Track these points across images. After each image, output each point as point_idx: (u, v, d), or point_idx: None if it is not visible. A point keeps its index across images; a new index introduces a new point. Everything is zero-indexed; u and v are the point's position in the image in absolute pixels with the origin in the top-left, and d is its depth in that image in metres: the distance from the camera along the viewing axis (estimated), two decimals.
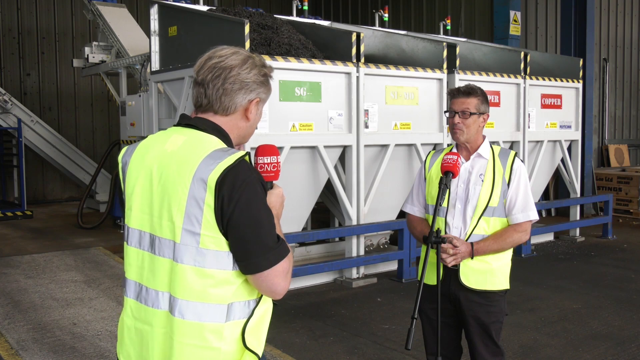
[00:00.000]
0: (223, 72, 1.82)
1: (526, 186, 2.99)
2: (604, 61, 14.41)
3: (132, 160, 1.87)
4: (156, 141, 1.87)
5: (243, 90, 1.84)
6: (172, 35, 6.90)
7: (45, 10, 13.53)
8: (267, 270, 1.71)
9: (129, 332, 1.87)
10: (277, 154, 1.95)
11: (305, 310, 5.79)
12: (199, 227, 1.70)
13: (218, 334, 1.73)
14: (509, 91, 8.27)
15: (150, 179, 1.81)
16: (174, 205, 1.73)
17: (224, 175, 1.67)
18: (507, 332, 4.76)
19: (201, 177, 1.69)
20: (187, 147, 1.77)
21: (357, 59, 6.60)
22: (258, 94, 1.87)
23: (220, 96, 1.83)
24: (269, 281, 1.72)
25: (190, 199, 1.70)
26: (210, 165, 1.69)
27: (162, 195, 1.77)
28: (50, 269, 7.14)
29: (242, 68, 1.83)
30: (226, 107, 1.84)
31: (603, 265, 7.65)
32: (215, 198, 1.67)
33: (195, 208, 1.70)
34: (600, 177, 12.08)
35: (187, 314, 1.73)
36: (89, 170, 12.05)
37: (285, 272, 1.75)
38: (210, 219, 1.69)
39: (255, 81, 1.85)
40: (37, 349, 4.64)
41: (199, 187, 1.69)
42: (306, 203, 6.57)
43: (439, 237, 2.82)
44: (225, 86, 1.82)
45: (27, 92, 13.33)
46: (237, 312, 1.76)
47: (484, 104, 3.04)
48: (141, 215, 1.83)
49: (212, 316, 1.73)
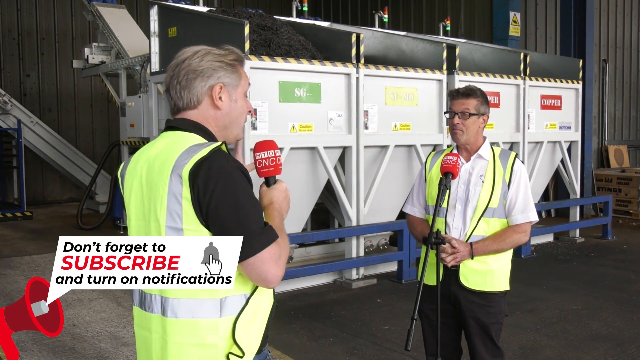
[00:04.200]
0: (177, 69, 1.83)
1: (526, 187, 2.99)
2: (603, 62, 14.42)
3: (127, 173, 1.90)
4: (145, 150, 1.89)
5: (198, 78, 1.82)
6: (172, 36, 6.90)
7: (45, 11, 13.54)
8: (252, 257, 1.67)
9: (138, 340, 1.88)
10: (274, 148, 1.92)
11: (305, 311, 5.79)
12: (180, 222, 1.70)
13: (213, 330, 1.71)
14: (508, 92, 8.27)
15: (140, 186, 1.82)
16: (158, 204, 1.73)
17: (197, 167, 1.66)
18: (507, 332, 4.76)
19: (177, 172, 1.69)
20: (168, 148, 1.78)
21: (357, 59, 6.60)
22: (218, 79, 1.84)
23: (180, 91, 1.84)
24: (257, 268, 1.68)
25: (170, 195, 1.70)
26: (185, 160, 1.69)
27: (149, 198, 1.78)
28: (50, 269, 7.08)
29: (193, 58, 1.82)
30: (190, 100, 1.84)
31: (603, 266, 7.65)
32: (190, 190, 1.67)
33: (175, 204, 1.70)
34: (600, 178, 12.08)
35: (179, 312, 1.72)
36: (89, 171, 12.06)
37: (275, 258, 1.70)
38: (189, 212, 1.68)
39: (210, 67, 1.82)
40: (37, 350, 4.64)
41: (176, 182, 1.69)
42: (306, 204, 6.57)
43: (438, 238, 2.82)
44: (180, 81, 1.83)
45: (26, 93, 13.33)
46: (231, 307, 1.73)
47: (483, 105, 3.04)
48: (137, 223, 1.84)
49: (206, 312, 1.71)
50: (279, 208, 1.86)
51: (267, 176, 1.92)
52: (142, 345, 1.86)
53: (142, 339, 1.85)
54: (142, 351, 1.87)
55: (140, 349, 1.88)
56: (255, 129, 5.85)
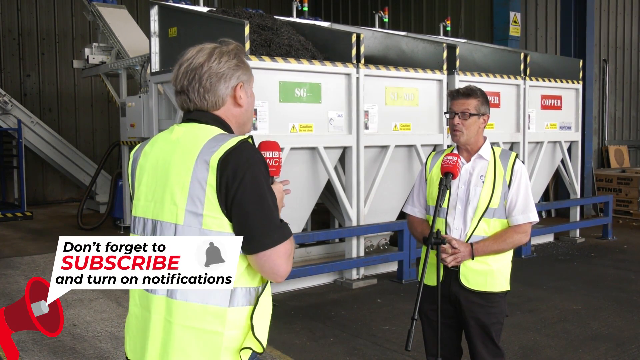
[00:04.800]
0: (196, 73, 1.85)
1: (527, 188, 2.99)
2: (603, 62, 14.41)
3: (142, 155, 1.92)
4: (163, 135, 1.92)
5: (222, 81, 1.86)
6: (172, 36, 6.90)
7: (45, 12, 13.54)
8: (270, 249, 1.71)
9: (137, 320, 1.88)
10: (277, 149, 1.97)
11: (305, 311, 5.79)
12: (202, 208, 1.71)
13: (220, 317, 1.73)
14: (508, 92, 8.27)
15: (155, 168, 1.85)
16: (177, 188, 1.75)
17: (227, 155, 1.70)
18: (507, 333, 4.75)
19: (204, 158, 1.72)
20: (191, 134, 1.82)
21: (357, 60, 6.60)
22: (238, 79, 1.89)
23: (203, 95, 1.86)
24: (271, 261, 1.72)
25: (193, 180, 1.73)
26: (213, 147, 1.73)
27: (166, 180, 1.79)
28: (50, 270, 7.07)
29: (211, 61, 1.85)
30: (214, 103, 1.87)
31: (603, 266, 7.65)
32: (217, 178, 1.69)
33: (198, 189, 1.72)
34: (600, 178, 12.08)
35: (190, 295, 1.73)
36: (89, 171, 12.06)
37: (287, 254, 1.76)
38: (212, 199, 1.71)
39: (229, 67, 1.87)
40: (37, 350, 4.64)
41: (201, 169, 1.72)
42: (306, 204, 6.56)
43: (438, 238, 2.82)
44: (204, 85, 1.85)
45: (27, 93, 13.33)
46: (240, 298, 1.76)
47: (484, 105, 3.04)
48: (146, 203, 1.86)
49: (216, 299, 1.73)
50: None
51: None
52: (136, 323, 1.86)
53: (138, 318, 1.85)
54: (134, 329, 1.87)
55: (133, 327, 1.88)
56: (256, 129, 5.85)
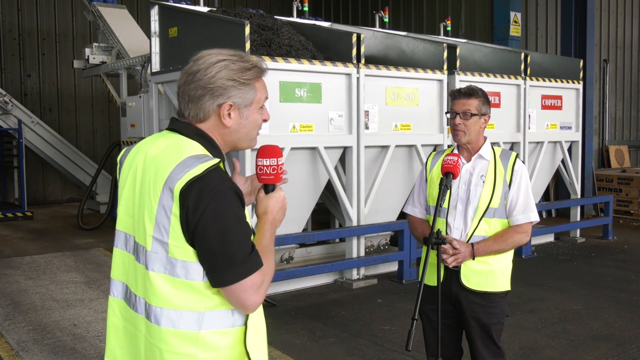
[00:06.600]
0: (189, 78, 1.75)
1: (527, 187, 2.99)
2: (604, 62, 14.41)
3: (125, 162, 1.86)
4: (146, 144, 1.83)
5: (207, 95, 1.73)
6: (173, 36, 6.91)
7: (45, 12, 13.55)
8: (233, 285, 1.65)
9: (117, 331, 1.87)
10: (278, 156, 1.85)
11: (305, 311, 5.79)
12: (167, 237, 1.66)
13: (193, 340, 1.70)
14: (509, 92, 8.27)
15: (134, 183, 1.78)
16: (147, 212, 1.70)
17: (189, 185, 1.61)
18: (508, 333, 4.76)
19: (169, 186, 1.64)
20: (166, 153, 1.72)
21: (358, 60, 6.60)
22: (228, 98, 1.74)
23: (187, 103, 1.76)
24: (236, 295, 1.66)
25: (159, 207, 1.67)
26: (179, 174, 1.63)
27: (140, 201, 1.74)
28: (51, 270, 7.14)
29: (207, 71, 1.72)
30: (196, 114, 1.76)
31: (603, 266, 7.64)
32: (180, 208, 1.63)
33: (163, 217, 1.66)
34: (601, 178, 12.08)
35: (161, 320, 1.70)
36: (90, 171, 12.06)
37: (255, 287, 1.67)
38: (177, 228, 1.65)
39: (221, 86, 1.72)
40: (38, 350, 4.64)
41: (167, 196, 1.65)
42: (306, 204, 6.56)
43: (439, 238, 2.82)
44: (190, 93, 1.75)
45: (27, 93, 13.34)
46: (216, 321, 1.71)
47: (485, 105, 3.04)
48: (125, 218, 1.81)
49: (186, 324, 1.69)
50: (272, 219, 1.83)
51: (267, 183, 1.86)
52: (124, 336, 1.85)
53: (127, 332, 1.84)
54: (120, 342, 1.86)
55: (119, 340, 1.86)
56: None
